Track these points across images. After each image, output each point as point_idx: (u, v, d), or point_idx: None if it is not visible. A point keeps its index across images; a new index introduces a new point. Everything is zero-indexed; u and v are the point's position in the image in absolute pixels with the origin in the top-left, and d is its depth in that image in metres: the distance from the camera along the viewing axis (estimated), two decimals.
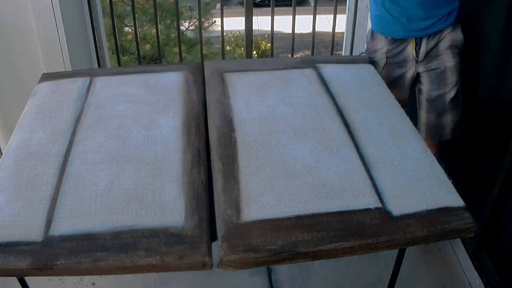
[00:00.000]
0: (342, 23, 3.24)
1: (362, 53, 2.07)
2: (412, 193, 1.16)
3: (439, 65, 1.76)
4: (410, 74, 1.82)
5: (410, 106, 1.84)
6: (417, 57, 1.77)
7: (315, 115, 1.43)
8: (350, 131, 1.37)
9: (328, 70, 1.68)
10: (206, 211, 1.13)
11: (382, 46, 1.82)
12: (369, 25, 1.92)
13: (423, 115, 1.85)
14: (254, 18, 2.76)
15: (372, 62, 1.82)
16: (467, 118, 1.87)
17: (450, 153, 1.94)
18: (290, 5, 2.73)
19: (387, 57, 1.82)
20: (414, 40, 1.75)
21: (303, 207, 1.11)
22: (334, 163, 1.24)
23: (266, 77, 1.63)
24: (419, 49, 1.75)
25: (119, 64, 3.05)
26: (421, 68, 1.79)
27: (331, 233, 1.05)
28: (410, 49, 1.77)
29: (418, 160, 1.27)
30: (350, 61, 1.81)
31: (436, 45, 1.74)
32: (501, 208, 1.71)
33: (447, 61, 1.74)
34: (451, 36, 1.73)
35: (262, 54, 10.48)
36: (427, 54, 1.76)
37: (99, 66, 2.50)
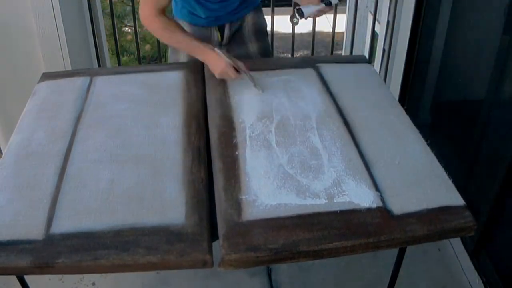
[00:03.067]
0: (342, 23, 3.25)
1: None
2: (412, 192, 1.16)
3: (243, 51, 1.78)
4: None
5: (410, 106, 1.85)
6: (221, 40, 1.78)
7: (315, 114, 1.44)
8: (350, 130, 1.37)
9: (328, 69, 1.69)
10: (206, 209, 1.13)
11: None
12: (370, 25, 1.91)
13: None
14: None
15: None
16: (467, 117, 1.87)
17: (450, 152, 1.95)
18: (290, 5, 2.73)
19: None
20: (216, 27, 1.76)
21: (304, 206, 1.11)
22: (335, 162, 1.25)
23: (266, 77, 1.63)
24: (223, 33, 1.76)
25: (119, 64, 3.05)
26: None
27: (332, 232, 1.05)
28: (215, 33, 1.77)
29: (419, 159, 1.27)
30: (350, 61, 1.81)
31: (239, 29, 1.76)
32: (502, 208, 1.72)
33: (251, 46, 1.78)
34: (253, 20, 1.75)
35: None
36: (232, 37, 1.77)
37: (99, 66, 2.50)
